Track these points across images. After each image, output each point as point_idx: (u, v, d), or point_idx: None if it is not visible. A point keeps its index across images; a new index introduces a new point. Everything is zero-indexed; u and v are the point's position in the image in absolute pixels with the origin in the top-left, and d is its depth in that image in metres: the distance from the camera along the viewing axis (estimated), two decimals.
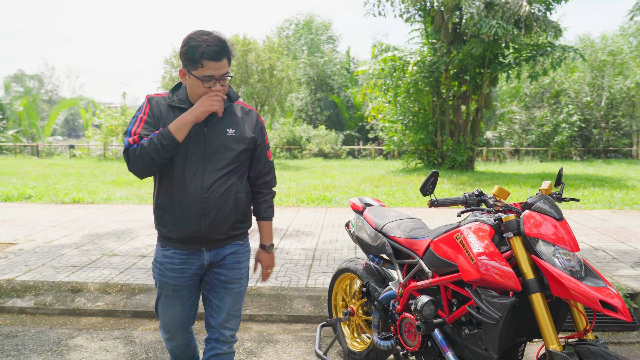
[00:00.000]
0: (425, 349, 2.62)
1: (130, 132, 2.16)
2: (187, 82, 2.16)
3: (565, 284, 2.01)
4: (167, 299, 2.33)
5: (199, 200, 2.17)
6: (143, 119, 2.18)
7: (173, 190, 2.19)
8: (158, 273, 2.31)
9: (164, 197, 2.21)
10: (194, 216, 2.18)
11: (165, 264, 2.28)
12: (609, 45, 29.00)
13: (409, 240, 2.81)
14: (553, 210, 2.19)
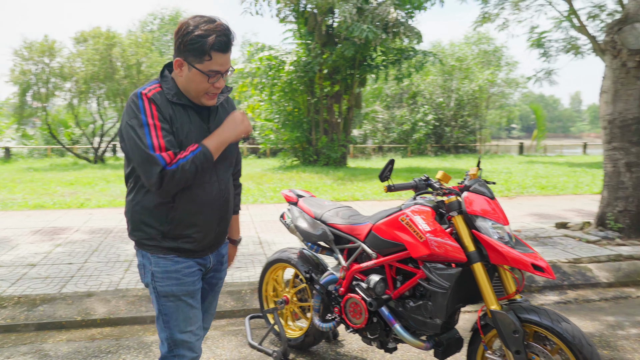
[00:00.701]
0: (371, 324, 2.85)
1: (153, 146, 1.83)
2: (184, 75, 1.92)
3: (502, 252, 2.35)
4: (188, 308, 2.06)
5: (219, 205, 2.06)
6: (158, 126, 1.86)
7: (194, 199, 1.99)
8: (175, 284, 2.02)
9: (183, 209, 1.98)
10: (214, 223, 2.07)
11: (182, 271, 2.04)
12: (457, 52, 32.12)
13: (349, 226, 3.01)
14: (486, 191, 2.54)
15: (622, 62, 5.86)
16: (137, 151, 1.85)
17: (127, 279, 4.60)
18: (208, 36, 1.85)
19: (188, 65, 1.90)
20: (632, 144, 5.93)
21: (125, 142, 1.90)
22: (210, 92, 1.97)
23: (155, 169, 1.82)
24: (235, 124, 1.99)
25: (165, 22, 37.97)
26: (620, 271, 5.03)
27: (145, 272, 2.06)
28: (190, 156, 1.87)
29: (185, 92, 1.97)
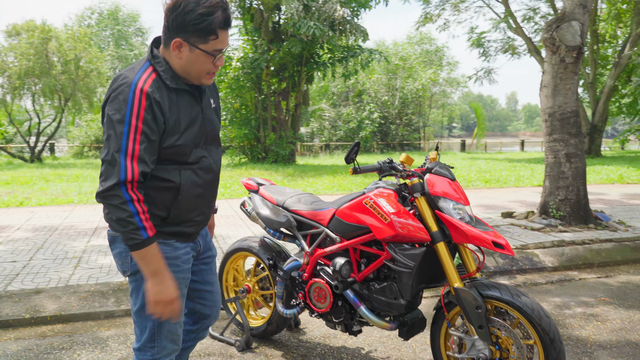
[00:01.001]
0: (336, 308, 2.87)
1: (126, 150, 1.69)
2: (184, 57, 1.77)
3: (464, 231, 2.43)
4: (180, 298, 1.94)
5: (214, 186, 2.01)
6: (139, 129, 1.70)
7: (197, 182, 1.91)
8: (174, 271, 1.90)
9: (188, 192, 1.88)
10: (212, 203, 2.02)
11: (181, 257, 1.95)
12: (400, 52, 32.84)
13: (312, 212, 3.03)
14: (447, 173, 2.61)
15: (561, 58, 6.17)
16: (107, 146, 1.72)
17: (78, 275, 4.42)
18: (213, 14, 1.71)
19: (190, 46, 1.75)
20: (571, 136, 6.25)
21: (104, 129, 1.76)
22: (212, 71, 1.86)
23: (113, 177, 1.69)
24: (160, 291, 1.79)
25: (103, 17, 36.65)
26: (564, 256, 5.30)
27: (133, 259, 1.88)
28: (137, 217, 1.71)
29: (184, 74, 1.83)
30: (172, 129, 1.81)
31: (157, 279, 1.78)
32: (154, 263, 1.77)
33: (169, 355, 2.01)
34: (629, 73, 21.89)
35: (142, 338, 1.96)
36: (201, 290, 2.19)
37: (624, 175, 12.79)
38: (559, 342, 2.32)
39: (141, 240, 1.72)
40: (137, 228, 1.71)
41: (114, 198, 1.69)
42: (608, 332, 3.56)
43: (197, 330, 2.27)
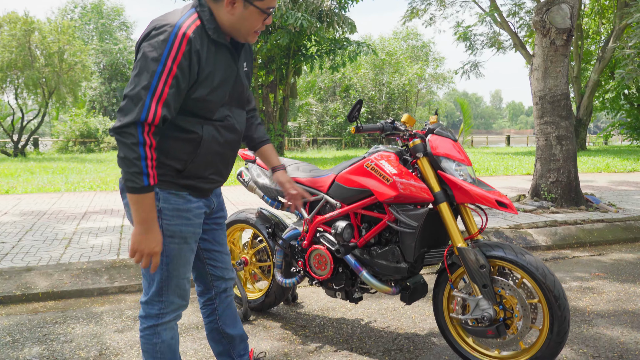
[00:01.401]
0: (337, 275, 2.84)
1: (154, 90, 1.65)
2: (237, 13, 1.75)
3: (468, 190, 2.41)
4: (190, 253, 1.95)
5: (234, 147, 1.99)
6: (173, 72, 1.67)
7: (218, 140, 1.89)
8: (185, 224, 1.90)
9: (208, 147, 1.86)
10: (230, 164, 2.02)
11: (193, 211, 1.93)
12: (387, 47, 32.89)
13: (311, 179, 2.99)
14: (449, 134, 2.59)
15: (551, 41, 6.20)
16: (135, 81, 1.67)
17: (69, 254, 4.34)
18: None
19: (244, 3, 1.75)
20: (562, 118, 6.29)
21: (135, 64, 1.72)
22: (260, 29, 1.85)
23: (133, 114, 1.64)
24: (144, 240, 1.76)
25: (87, 11, 36.15)
26: (557, 235, 5.33)
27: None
28: (144, 162, 1.67)
29: (231, 30, 1.81)
30: (204, 81, 1.77)
31: (143, 227, 1.75)
32: (145, 212, 1.73)
33: (176, 310, 1.98)
34: (612, 69, 22.16)
35: (150, 291, 1.94)
36: (211, 250, 2.16)
37: (610, 165, 12.94)
38: (563, 300, 2.31)
39: (140, 186, 1.69)
40: (141, 173, 1.68)
41: (128, 136, 1.65)
42: (605, 303, 3.58)
43: (215, 296, 2.23)
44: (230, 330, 2.28)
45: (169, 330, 1.97)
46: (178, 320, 2.02)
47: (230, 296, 2.29)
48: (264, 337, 3.02)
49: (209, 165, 1.91)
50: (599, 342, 2.90)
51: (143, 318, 1.96)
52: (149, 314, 1.94)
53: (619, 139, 34.74)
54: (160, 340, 1.95)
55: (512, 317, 2.41)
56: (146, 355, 1.98)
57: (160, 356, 1.97)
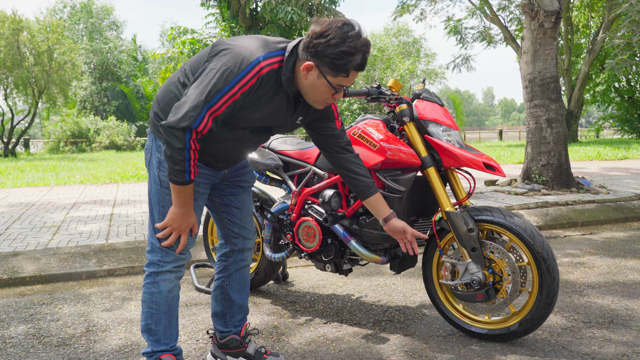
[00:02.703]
0: (326, 246, 2.82)
1: (212, 107, 1.74)
2: (309, 79, 1.83)
3: (455, 154, 2.39)
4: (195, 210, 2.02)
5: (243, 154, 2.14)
6: (235, 97, 1.76)
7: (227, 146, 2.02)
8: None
9: (215, 147, 2.00)
10: (237, 160, 2.15)
11: (199, 173, 2.01)
12: (378, 43, 32.85)
13: (299, 151, 2.97)
14: (436, 99, 2.57)
15: (540, 23, 6.20)
16: (198, 91, 1.74)
17: (57, 240, 4.29)
18: (354, 55, 1.76)
19: (319, 74, 1.81)
20: (552, 101, 6.30)
21: (205, 70, 1.78)
22: (328, 102, 1.92)
23: (188, 119, 1.72)
24: (177, 222, 1.92)
25: (76, 10, 35.90)
26: (548, 216, 5.33)
27: (152, 157, 1.99)
28: (188, 162, 1.78)
29: (302, 92, 1.89)
30: (247, 108, 1.85)
31: (182, 209, 1.90)
32: (185, 198, 1.88)
33: (176, 261, 2.02)
34: (602, 61, 22.27)
35: (151, 238, 2.01)
36: (229, 205, 2.22)
37: (601, 153, 13.00)
38: (552, 260, 2.30)
39: (182, 181, 1.82)
40: (184, 171, 1.80)
41: (176, 140, 1.74)
42: (596, 275, 3.57)
43: (230, 253, 2.27)
44: (234, 295, 2.29)
45: (167, 282, 2.01)
46: (179, 274, 2.06)
47: (245, 261, 2.31)
48: (253, 312, 2.99)
49: (214, 157, 2.00)
50: (589, 310, 2.90)
51: (146, 266, 2.03)
52: (152, 261, 2.01)
53: (610, 132, 34.93)
54: (157, 290, 2.00)
55: (501, 280, 2.39)
56: (143, 304, 2.03)
57: (155, 306, 2.01)
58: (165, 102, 1.94)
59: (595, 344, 2.43)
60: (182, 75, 1.93)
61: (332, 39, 1.75)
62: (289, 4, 14.71)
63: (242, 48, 1.78)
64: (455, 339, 2.53)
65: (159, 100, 1.98)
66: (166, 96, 1.95)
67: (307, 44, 1.79)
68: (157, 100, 2.00)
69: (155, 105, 1.99)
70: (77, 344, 2.57)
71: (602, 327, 2.64)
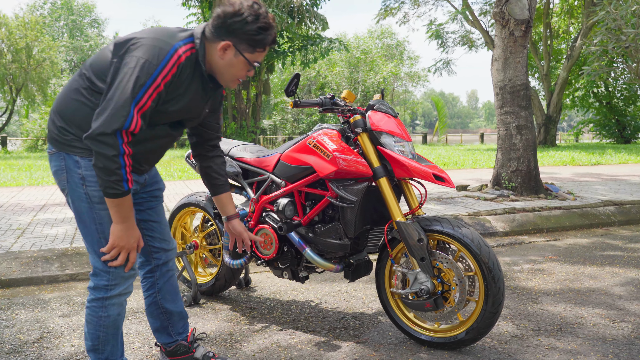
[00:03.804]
0: (282, 254, 2.84)
1: (138, 103, 1.71)
2: (226, 59, 1.86)
3: (406, 165, 2.43)
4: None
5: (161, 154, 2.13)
6: (159, 89, 1.75)
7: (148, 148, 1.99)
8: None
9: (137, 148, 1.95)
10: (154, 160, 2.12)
11: None
12: (362, 45, 33.02)
13: (257, 159, 2.99)
14: (389, 110, 2.61)
15: (510, 32, 6.30)
16: (120, 90, 1.70)
17: (20, 244, 4.26)
18: (269, 30, 1.85)
19: (236, 52, 1.86)
20: (522, 108, 6.40)
21: (121, 68, 1.73)
22: (242, 78, 1.97)
23: (117, 120, 1.67)
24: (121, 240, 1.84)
25: (57, 7, 35.45)
26: (515, 222, 5.41)
27: (70, 176, 1.84)
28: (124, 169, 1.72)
29: (216, 72, 1.92)
30: (170, 100, 1.86)
31: (126, 225, 1.81)
32: (127, 211, 1.80)
33: (126, 281, 1.95)
34: (580, 67, 22.61)
35: (97, 266, 1.91)
36: (148, 220, 2.16)
37: (575, 158, 13.21)
38: (497, 271, 2.35)
39: (121, 192, 1.74)
40: (121, 180, 1.72)
41: (108, 147, 1.68)
42: (553, 282, 3.65)
43: (155, 269, 2.22)
44: (170, 305, 2.26)
45: (117, 306, 1.95)
46: (127, 295, 1.99)
47: (171, 271, 2.27)
48: (211, 318, 3.00)
49: (139, 157, 1.93)
50: (540, 317, 2.96)
51: (92, 289, 1.94)
52: (97, 285, 1.92)
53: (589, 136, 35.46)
54: (106, 315, 1.94)
55: (449, 289, 2.44)
56: (89, 326, 1.96)
57: (103, 330, 1.95)
58: (71, 113, 1.83)
59: (540, 352, 2.49)
60: (84, 81, 1.83)
61: (247, 17, 1.80)
62: (270, 5, 14.71)
63: (153, 40, 1.77)
64: (406, 347, 2.58)
65: (60, 114, 1.85)
66: (70, 106, 1.84)
67: (220, 25, 1.83)
68: (57, 114, 1.86)
69: (56, 120, 1.86)
70: (28, 351, 2.57)
71: (550, 335, 2.70)
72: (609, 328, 2.78)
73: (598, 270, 3.94)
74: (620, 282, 3.63)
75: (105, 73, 1.79)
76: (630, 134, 26.56)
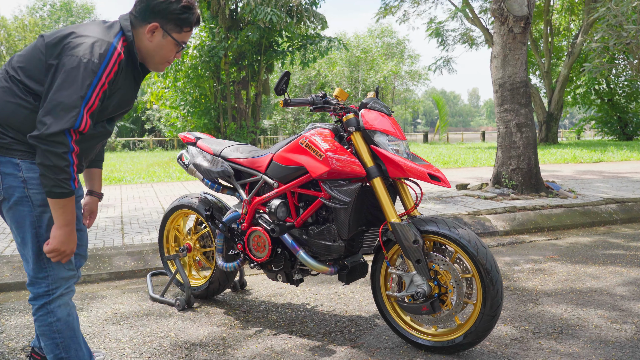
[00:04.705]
0: (275, 256, 2.78)
1: (88, 102, 1.70)
2: (155, 41, 1.88)
3: (400, 165, 2.36)
4: None
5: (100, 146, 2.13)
6: (104, 87, 1.75)
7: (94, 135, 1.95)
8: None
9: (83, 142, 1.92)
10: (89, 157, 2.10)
11: None
12: (362, 44, 32.92)
13: (250, 160, 2.92)
14: (383, 108, 2.54)
15: (509, 28, 6.22)
16: (68, 91, 1.67)
17: (13, 247, 4.20)
18: (192, 9, 1.89)
19: (164, 33, 1.88)
20: (522, 106, 6.32)
21: (61, 68, 1.69)
22: (171, 60, 1.99)
23: (65, 121, 1.65)
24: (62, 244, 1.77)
25: (56, 9, 35.39)
26: (515, 220, 5.34)
27: (7, 180, 1.77)
28: (72, 167, 1.70)
29: (146, 56, 1.93)
30: (111, 95, 1.85)
31: (68, 228, 1.78)
32: (70, 214, 1.77)
33: (67, 281, 1.90)
34: (581, 64, 22.49)
35: (32, 270, 1.84)
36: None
37: (577, 156, 13.11)
38: (495, 273, 2.28)
39: (69, 191, 1.72)
40: (69, 178, 1.71)
41: (59, 145, 1.66)
42: (554, 283, 3.57)
43: None
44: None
45: (63, 307, 1.89)
46: (72, 295, 1.94)
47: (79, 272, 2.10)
48: (204, 322, 2.94)
49: (80, 154, 1.88)
50: (541, 319, 2.89)
51: (33, 300, 1.88)
52: (37, 294, 1.86)
53: (591, 133, 35.32)
54: (55, 319, 1.87)
55: (446, 292, 2.37)
56: (44, 338, 1.88)
57: (59, 335, 1.88)
58: (7, 115, 1.74)
59: (541, 356, 2.42)
60: (15, 83, 1.75)
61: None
62: (269, 4, 14.63)
63: (90, 38, 1.75)
64: (402, 351, 2.51)
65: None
66: (4, 109, 1.74)
67: (145, 8, 1.85)
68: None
69: None
70: (16, 358, 2.50)
71: (551, 337, 2.63)
72: (612, 330, 2.71)
73: (600, 269, 3.87)
74: (623, 281, 3.56)
75: (38, 74, 1.74)
76: (632, 131, 26.45)
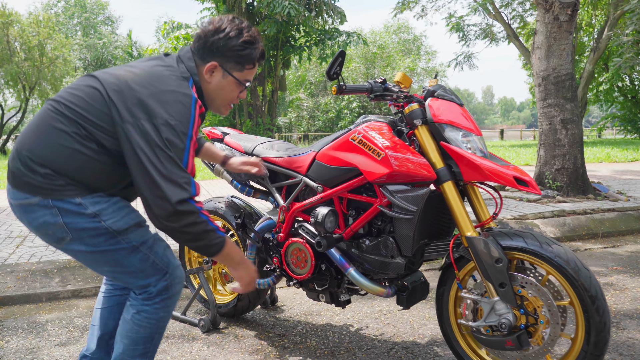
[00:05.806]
0: (319, 273, 2.35)
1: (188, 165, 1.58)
2: (214, 82, 1.74)
3: (480, 166, 1.92)
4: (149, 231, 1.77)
5: None
6: (195, 143, 1.61)
7: None
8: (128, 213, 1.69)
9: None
10: None
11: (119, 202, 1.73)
12: (378, 40, 32.39)
13: (287, 159, 2.49)
14: (454, 97, 2.10)
15: (555, 16, 5.72)
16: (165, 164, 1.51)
17: (19, 254, 3.82)
18: (255, 43, 1.74)
19: (223, 72, 1.74)
20: (567, 100, 5.82)
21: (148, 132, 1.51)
22: (234, 102, 1.86)
23: (179, 193, 1.51)
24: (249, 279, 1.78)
25: (70, 5, 35.25)
26: (566, 226, 4.86)
27: (71, 221, 1.58)
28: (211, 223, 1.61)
29: (208, 98, 1.79)
30: None
31: (244, 265, 1.76)
32: (237, 253, 1.72)
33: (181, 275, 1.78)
34: (605, 60, 21.79)
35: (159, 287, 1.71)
36: None
37: (610, 155, 12.54)
38: (602, 301, 1.83)
39: (222, 240, 1.64)
40: (215, 230, 1.62)
41: (188, 215, 1.54)
42: (630, 301, 3.11)
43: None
44: None
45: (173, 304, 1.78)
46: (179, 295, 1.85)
47: None
48: (234, 348, 2.52)
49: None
50: (633, 350, 2.43)
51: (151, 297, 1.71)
52: (159, 290, 1.71)
53: (612, 132, 34.47)
54: (166, 314, 1.75)
55: (536, 323, 1.92)
56: (144, 329, 1.72)
57: (159, 331, 1.76)
58: (62, 161, 1.57)
59: None
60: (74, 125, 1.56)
61: (230, 32, 1.70)
62: None
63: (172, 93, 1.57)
64: None
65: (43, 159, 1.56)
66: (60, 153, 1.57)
67: (202, 46, 1.71)
68: (37, 157, 1.57)
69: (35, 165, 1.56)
70: None
71: None
72: None
73: None
74: None
75: (103, 122, 1.56)
76: None
